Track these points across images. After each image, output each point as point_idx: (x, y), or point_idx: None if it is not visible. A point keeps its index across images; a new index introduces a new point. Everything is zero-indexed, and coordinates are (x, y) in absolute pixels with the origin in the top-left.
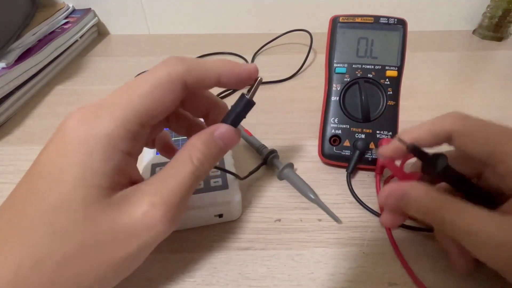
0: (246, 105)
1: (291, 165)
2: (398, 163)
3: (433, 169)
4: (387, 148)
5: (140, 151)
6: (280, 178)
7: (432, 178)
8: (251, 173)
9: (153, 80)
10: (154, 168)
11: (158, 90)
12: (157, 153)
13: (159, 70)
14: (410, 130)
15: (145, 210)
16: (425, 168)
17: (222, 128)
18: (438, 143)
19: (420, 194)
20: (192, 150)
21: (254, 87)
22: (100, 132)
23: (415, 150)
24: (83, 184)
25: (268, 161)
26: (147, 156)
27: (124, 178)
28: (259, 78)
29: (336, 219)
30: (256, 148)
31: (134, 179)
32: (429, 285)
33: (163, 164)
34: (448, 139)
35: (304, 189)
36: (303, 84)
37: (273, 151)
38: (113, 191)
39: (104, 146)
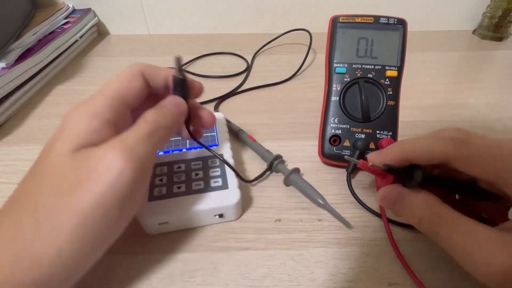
0: (177, 82)
1: (297, 170)
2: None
3: (411, 183)
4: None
5: (125, 127)
6: (287, 184)
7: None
8: (256, 178)
9: (122, 75)
10: (155, 168)
11: (126, 78)
12: (157, 153)
13: (125, 70)
14: (403, 145)
15: (104, 150)
16: (403, 183)
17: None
18: (433, 163)
19: (417, 201)
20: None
21: (176, 66)
22: (91, 106)
23: (390, 170)
24: (63, 139)
25: (274, 168)
26: None
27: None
28: (176, 57)
29: (347, 225)
30: (260, 154)
31: None
32: (429, 285)
33: (163, 164)
34: (445, 162)
35: (312, 195)
36: (303, 84)
37: (277, 157)
38: (88, 147)
39: (91, 112)
